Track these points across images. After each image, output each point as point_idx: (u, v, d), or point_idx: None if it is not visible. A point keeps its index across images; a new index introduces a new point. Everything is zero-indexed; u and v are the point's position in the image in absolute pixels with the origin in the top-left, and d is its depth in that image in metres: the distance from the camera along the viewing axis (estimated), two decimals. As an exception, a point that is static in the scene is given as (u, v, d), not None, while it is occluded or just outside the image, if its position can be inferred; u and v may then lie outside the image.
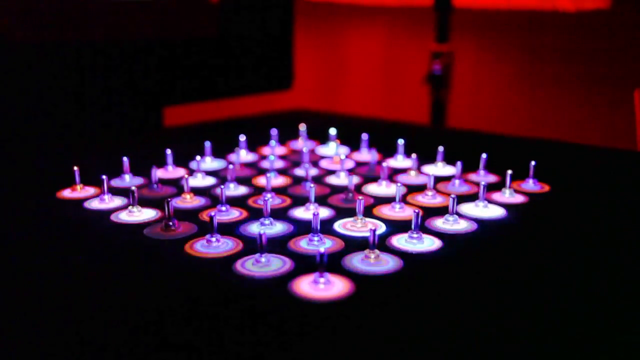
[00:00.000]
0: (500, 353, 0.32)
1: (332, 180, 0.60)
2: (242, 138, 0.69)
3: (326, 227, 0.47)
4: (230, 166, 0.57)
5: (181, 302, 0.36)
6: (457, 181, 0.58)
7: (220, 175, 0.61)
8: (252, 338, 0.33)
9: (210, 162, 0.65)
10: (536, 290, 0.38)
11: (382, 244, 0.44)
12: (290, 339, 0.33)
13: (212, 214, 0.44)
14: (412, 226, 0.44)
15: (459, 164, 0.58)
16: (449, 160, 0.64)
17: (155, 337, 0.33)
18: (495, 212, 0.51)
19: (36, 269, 0.41)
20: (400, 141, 0.67)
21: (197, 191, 0.56)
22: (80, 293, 0.38)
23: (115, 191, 0.55)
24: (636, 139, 1.01)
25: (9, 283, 0.39)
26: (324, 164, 0.66)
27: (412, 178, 0.60)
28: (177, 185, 0.58)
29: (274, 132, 0.72)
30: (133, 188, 0.50)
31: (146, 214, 0.50)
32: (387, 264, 0.41)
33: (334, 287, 0.37)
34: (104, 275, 0.40)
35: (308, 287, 0.37)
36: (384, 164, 0.58)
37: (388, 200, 0.53)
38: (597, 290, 0.38)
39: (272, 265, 0.40)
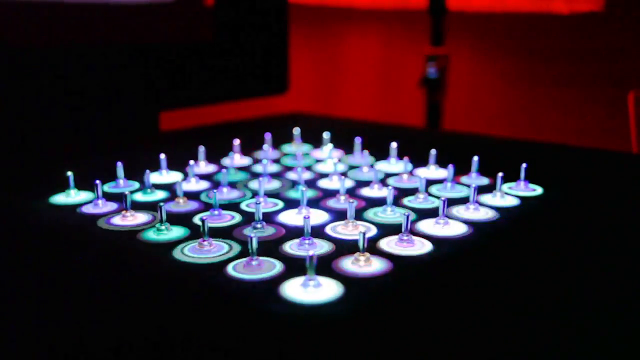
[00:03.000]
0: (493, 354, 0.32)
1: (324, 183, 0.60)
2: (236, 142, 0.69)
3: (317, 230, 0.47)
4: (224, 170, 0.58)
5: (174, 305, 0.37)
6: (448, 184, 0.58)
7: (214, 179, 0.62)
8: (242, 341, 0.33)
9: (204, 166, 0.66)
10: (529, 292, 0.38)
11: (372, 246, 0.44)
12: (280, 341, 0.33)
13: (204, 217, 0.44)
14: (403, 229, 0.45)
15: (450, 166, 0.58)
16: (442, 163, 0.64)
17: (149, 340, 0.33)
18: (486, 214, 0.51)
19: (29, 274, 0.41)
20: (393, 144, 0.67)
21: (190, 195, 0.56)
22: (74, 297, 0.38)
23: (109, 196, 0.55)
24: (631, 140, 1.01)
25: (2, 288, 0.39)
26: (317, 167, 0.67)
27: (405, 181, 0.61)
28: (171, 190, 0.58)
29: (268, 136, 0.72)
30: (127, 193, 0.50)
31: (139, 219, 0.50)
32: (377, 266, 0.41)
33: (323, 289, 0.38)
34: (98, 279, 0.40)
35: (298, 289, 0.38)
36: (376, 167, 0.58)
37: (380, 203, 0.54)
38: (590, 292, 0.39)
39: (263, 268, 0.40)
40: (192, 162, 0.61)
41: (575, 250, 0.45)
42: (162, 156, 0.63)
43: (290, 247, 0.44)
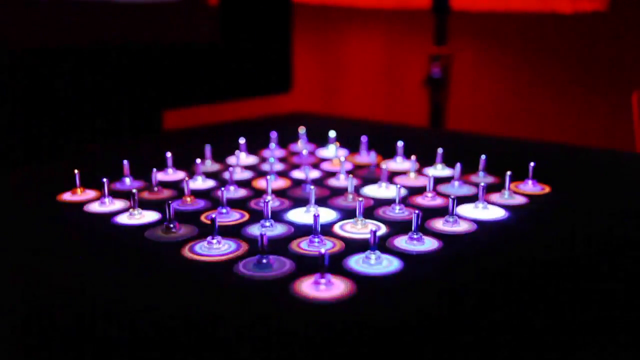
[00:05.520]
0: (500, 354, 0.32)
1: (332, 182, 0.60)
2: (242, 141, 0.69)
3: (326, 229, 0.47)
4: (230, 169, 0.58)
5: (182, 304, 0.36)
6: (456, 183, 0.58)
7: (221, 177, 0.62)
8: (252, 339, 0.33)
9: (210, 165, 0.66)
10: (536, 291, 0.38)
11: (382, 244, 0.44)
12: (290, 339, 0.33)
13: (213, 216, 0.44)
14: (413, 227, 0.44)
15: (458, 165, 0.58)
16: (449, 162, 0.64)
17: (156, 340, 0.33)
18: (495, 213, 0.51)
19: (37, 272, 0.41)
20: (400, 143, 0.67)
21: (197, 194, 0.56)
22: (82, 296, 0.38)
23: (116, 194, 0.55)
24: (634, 140, 1.01)
25: (10, 286, 0.39)
26: (323, 166, 0.66)
27: (412, 180, 0.60)
28: (177, 188, 0.58)
29: (273, 134, 0.72)
30: (134, 191, 0.50)
31: (147, 217, 0.50)
32: (388, 264, 0.41)
33: (335, 287, 0.37)
34: (105, 277, 0.40)
35: (309, 288, 0.37)
36: (383, 166, 0.58)
37: (388, 202, 0.53)
38: (597, 291, 0.38)
39: (273, 266, 0.40)
40: (198, 160, 0.61)
41: (583, 248, 0.45)
42: (169, 154, 0.63)
43: (300, 245, 0.44)
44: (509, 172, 0.55)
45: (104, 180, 0.53)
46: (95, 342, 0.33)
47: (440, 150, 0.64)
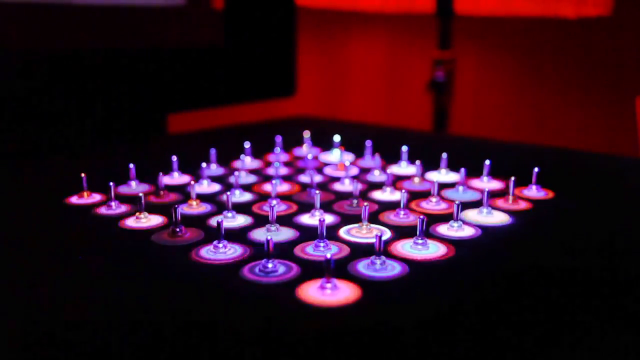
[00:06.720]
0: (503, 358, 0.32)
1: (336, 187, 0.60)
2: (247, 145, 0.69)
3: (331, 233, 0.48)
4: (236, 173, 0.58)
5: (188, 308, 0.37)
6: (460, 187, 0.58)
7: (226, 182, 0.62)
8: (258, 344, 0.33)
9: (215, 169, 0.66)
10: (540, 295, 0.39)
11: (386, 249, 0.44)
12: (297, 345, 0.33)
13: (219, 220, 0.44)
14: (417, 232, 0.45)
15: (462, 170, 0.58)
16: (453, 166, 0.64)
17: (162, 343, 0.33)
18: (499, 218, 0.51)
19: (43, 275, 0.41)
20: (404, 148, 0.67)
21: (203, 197, 0.56)
22: (88, 299, 0.38)
23: (122, 198, 0.55)
24: (637, 144, 1.01)
25: (17, 290, 0.40)
26: (328, 170, 0.67)
27: (416, 184, 0.61)
28: (183, 192, 0.58)
29: (278, 139, 0.72)
30: (140, 194, 0.50)
31: (153, 221, 0.50)
32: (393, 269, 0.41)
33: (340, 292, 0.38)
34: (112, 281, 0.40)
35: (315, 292, 0.38)
36: (387, 171, 0.58)
37: (392, 206, 0.54)
38: (600, 296, 0.39)
39: (278, 271, 0.41)
40: (204, 164, 0.61)
41: (586, 253, 0.45)
42: (174, 158, 0.63)
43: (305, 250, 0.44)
44: (512, 178, 0.55)
45: (110, 183, 0.53)
46: (101, 345, 0.33)
47: (444, 155, 0.64)
